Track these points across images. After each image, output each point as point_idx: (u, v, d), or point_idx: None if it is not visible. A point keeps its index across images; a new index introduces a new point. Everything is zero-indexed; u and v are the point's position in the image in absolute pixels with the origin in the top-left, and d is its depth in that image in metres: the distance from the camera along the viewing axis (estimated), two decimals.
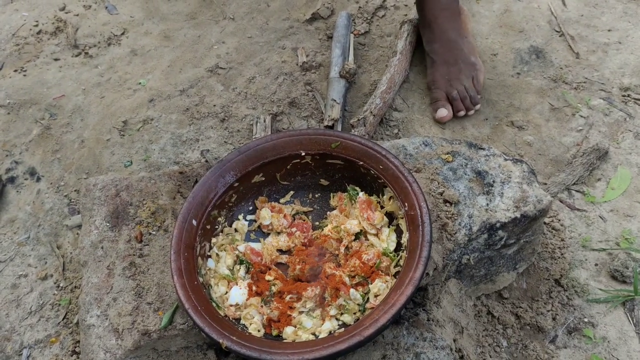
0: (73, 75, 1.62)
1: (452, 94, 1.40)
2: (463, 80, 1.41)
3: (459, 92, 1.40)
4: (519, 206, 0.98)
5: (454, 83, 1.41)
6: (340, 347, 0.76)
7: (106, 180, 1.10)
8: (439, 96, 1.42)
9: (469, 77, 1.42)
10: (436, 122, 1.42)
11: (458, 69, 1.42)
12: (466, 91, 1.40)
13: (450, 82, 1.41)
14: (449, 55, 1.43)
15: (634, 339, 1.09)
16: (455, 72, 1.42)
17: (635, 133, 1.38)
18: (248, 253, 0.98)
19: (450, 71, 1.42)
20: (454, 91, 1.40)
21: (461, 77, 1.42)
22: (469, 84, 1.41)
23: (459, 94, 1.40)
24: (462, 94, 1.40)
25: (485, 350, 1.05)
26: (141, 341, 0.90)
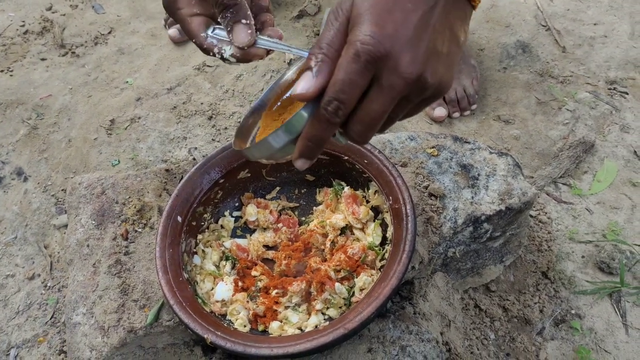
0: (60, 74, 1.62)
1: (449, 95, 1.41)
2: (463, 81, 1.42)
3: (457, 93, 1.41)
4: (504, 199, 0.98)
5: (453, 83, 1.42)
6: (325, 340, 0.76)
7: (92, 178, 1.09)
8: None
9: (468, 77, 1.42)
10: (432, 120, 1.43)
11: (459, 69, 1.42)
12: (464, 91, 1.41)
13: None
14: None
15: (621, 329, 1.09)
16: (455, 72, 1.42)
17: (621, 126, 1.39)
18: (234, 249, 0.98)
19: None
20: (452, 92, 1.41)
21: (461, 78, 1.42)
22: (468, 83, 1.42)
23: (457, 94, 1.41)
24: (460, 95, 1.41)
25: (472, 343, 1.06)
26: (127, 338, 0.90)
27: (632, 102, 1.43)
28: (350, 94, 0.53)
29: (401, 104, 0.55)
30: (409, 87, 0.53)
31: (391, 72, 0.53)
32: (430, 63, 0.54)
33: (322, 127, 0.55)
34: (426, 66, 0.53)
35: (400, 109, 0.56)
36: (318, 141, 0.56)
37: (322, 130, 0.55)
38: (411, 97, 0.55)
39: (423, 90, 0.54)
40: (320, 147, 0.57)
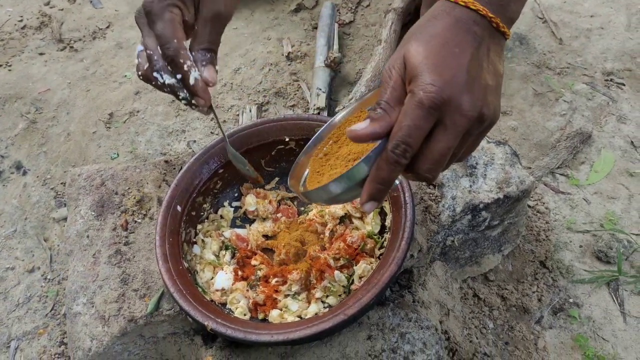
0: (58, 69, 1.62)
1: None
2: None
3: None
4: (502, 187, 0.99)
5: None
6: (325, 326, 0.76)
7: (91, 170, 1.10)
8: None
9: None
10: None
11: None
12: None
13: None
14: None
15: (619, 318, 1.10)
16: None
17: (618, 117, 1.39)
18: (234, 239, 0.98)
19: None
20: None
21: None
22: None
23: None
24: None
25: (471, 332, 1.06)
26: (127, 327, 0.90)
27: (628, 93, 1.44)
28: (416, 137, 0.57)
29: (464, 139, 0.59)
30: (471, 124, 0.58)
31: (454, 113, 0.57)
32: (487, 100, 0.59)
33: (390, 169, 0.59)
34: (483, 102, 0.58)
35: (462, 143, 0.60)
36: (386, 183, 0.59)
37: (390, 172, 0.59)
38: (472, 132, 0.59)
39: (482, 123, 0.59)
40: (388, 189, 0.60)
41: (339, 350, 0.85)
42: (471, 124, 0.58)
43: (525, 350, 1.07)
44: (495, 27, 0.60)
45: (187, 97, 0.73)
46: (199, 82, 0.72)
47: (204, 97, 0.74)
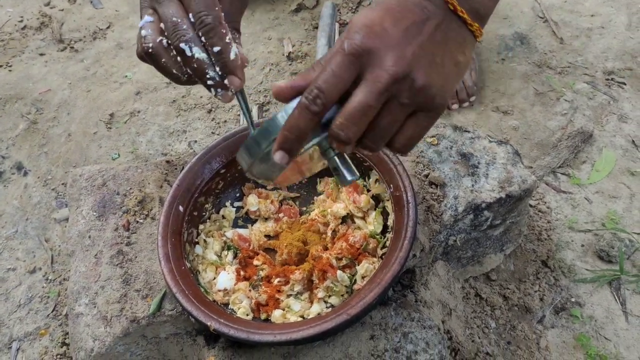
0: (59, 69, 1.62)
1: None
2: None
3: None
4: (504, 186, 0.99)
5: None
6: (327, 326, 0.76)
7: (92, 170, 1.09)
8: None
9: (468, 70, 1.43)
10: None
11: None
12: (463, 82, 1.41)
13: None
14: None
15: (621, 317, 1.10)
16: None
17: (619, 116, 1.40)
18: (236, 239, 0.98)
19: None
20: None
21: None
22: (467, 75, 1.42)
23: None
24: (459, 86, 1.41)
25: (474, 331, 1.06)
26: (130, 328, 0.90)
27: (629, 93, 1.44)
28: (331, 84, 0.54)
29: (391, 105, 0.55)
30: (395, 84, 0.53)
31: (375, 66, 0.53)
32: (421, 66, 0.54)
33: (299, 115, 0.55)
34: (414, 67, 0.54)
35: (390, 111, 0.55)
36: (295, 131, 0.55)
37: (299, 118, 0.55)
38: (400, 98, 0.54)
39: (412, 92, 0.54)
40: (299, 141, 0.56)
41: (341, 350, 0.85)
42: (395, 85, 0.53)
43: (527, 349, 1.07)
44: (452, 10, 0.57)
45: (215, 77, 0.64)
46: (238, 57, 0.64)
47: (241, 76, 0.65)
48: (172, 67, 0.65)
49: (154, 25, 0.64)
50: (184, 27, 0.62)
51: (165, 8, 0.63)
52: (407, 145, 0.58)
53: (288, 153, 0.57)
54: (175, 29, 0.62)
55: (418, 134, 0.58)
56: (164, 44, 0.64)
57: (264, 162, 0.62)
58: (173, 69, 0.65)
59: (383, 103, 0.54)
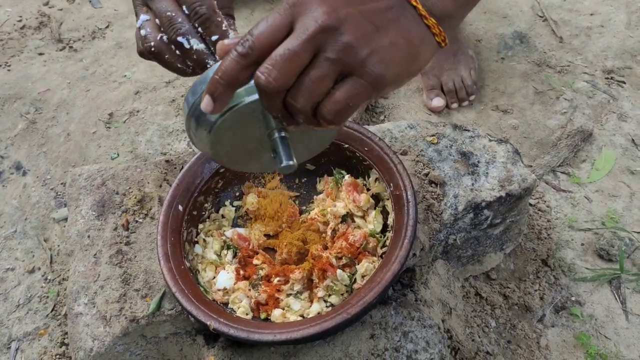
0: (58, 69, 1.61)
1: (447, 85, 1.41)
2: (461, 71, 1.42)
3: (455, 84, 1.41)
4: (504, 185, 0.98)
5: (450, 74, 1.41)
6: (327, 325, 0.76)
7: (92, 169, 1.09)
8: (435, 84, 1.42)
9: (466, 68, 1.43)
10: (430, 110, 1.43)
11: (457, 60, 1.42)
12: (462, 81, 1.41)
13: (448, 72, 1.41)
14: (449, 46, 1.43)
15: (621, 316, 1.10)
16: (453, 63, 1.42)
17: (618, 114, 1.39)
18: (235, 238, 0.98)
19: (449, 61, 1.42)
20: (450, 82, 1.41)
21: (459, 68, 1.42)
22: (467, 74, 1.42)
23: (455, 85, 1.41)
24: (458, 85, 1.41)
25: (474, 330, 1.06)
26: (129, 328, 0.90)
27: (629, 91, 1.44)
28: (262, 29, 0.53)
29: (317, 59, 0.53)
30: (322, 34, 0.52)
31: (306, 16, 0.52)
32: (354, 25, 0.53)
33: (230, 60, 0.53)
34: (345, 23, 0.52)
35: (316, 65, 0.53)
36: (224, 76, 0.54)
37: (229, 62, 0.53)
38: (327, 51, 0.52)
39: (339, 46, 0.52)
40: (226, 86, 0.54)
41: (341, 349, 0.85)
42: (320, 32, 0.51)
43: (527, 348, 1.07)
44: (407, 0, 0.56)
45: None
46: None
47: None
48: (176, 61, 0.65)
49: (151, 23, 0.65)
50: (179, 20, 0.63)
51: (158, 3, 0.64)
52: (335, 111, 0.54)
53: (214, 99, 0.55)
54: (170, 23, 0.63)
55: (346, 100, 0.54)
56: (164, 40, 0.64)
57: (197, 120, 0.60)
58: (177, 63, 0.65)
59: (311, 57, 0.53)
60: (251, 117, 0.59)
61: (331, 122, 0.54)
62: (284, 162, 0.59)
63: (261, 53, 0.53)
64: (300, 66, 0.52)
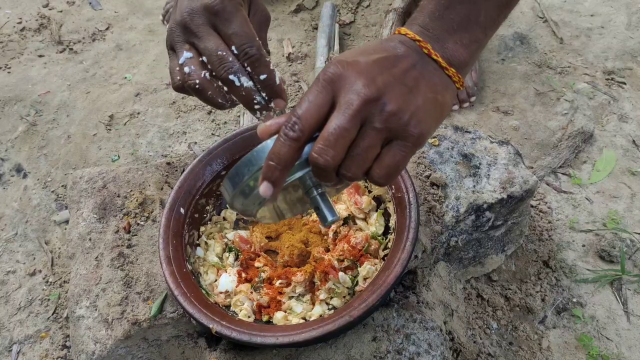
0: (58, 71, 1.61)
1: None
2: None
3: None
4: (506, 187, 0.98)
5: None
6: (330, 327, 0.76)
7: (93, 172, 1.09)
8: None
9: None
10: None
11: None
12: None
13: None
14: None
15: (622, 317, 1.10)
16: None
17: (619, 115, 1.39)
18: (237, 241, 0.98)
19: None
20: None
21: None
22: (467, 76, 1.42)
23: None
24: None
25: (475, 332, 1.06)
26: (131, 331, 0.90)
27: (629, 92, 1.44)
28: (306, 109, 0.56)
29: (365, 130, 0.56)
30: (366, 106, 0.55)
31: (348, 91, 0.55)
32: (392, 92, 0.56)
33: (280, 143, 0.56)
34: (385, 92, 0.56)
35: (364, 136, 0.56)
36: (278, 160, 0.57)
37: (281, 146, 0.56)
38: (373, 121, 0.55)
39: (384, 116, 0.55)
40: (283, 170, 0.57)
41: (344, 352, 0.85)
42: (365, 105, 0.55)
43: (529, 350, 1.07)
44: (427, 54, 0.59)
45: (262, 102, 0.69)
46: (282, 82, 0.69)
47: (285, 97, 0.70)
48: (218, 97, 0.69)
49: (195, 60, 0.68)
50: (230, 60, 0.67)
51: (207, 43, 0.67)
52: (385, 175, 0.58)
53: (272, 184, 0.58)
54: (221, 62, 0.67)
55: (395, 164, 0.58)
56: (207, 78, 0.68)
57: (244, 195, 0.63)
58: (218, 98, 0.69)
59: (358, 128, 0.56)
60: (294, 184, 0.63)
61: (381, 182, 0.58)
62: (330, 219, 0.63)
63: (310, 133, 0.56)
64: (350, 140, 0.56)
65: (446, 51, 0.60)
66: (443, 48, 0.60)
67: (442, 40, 0.60)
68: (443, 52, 0.60)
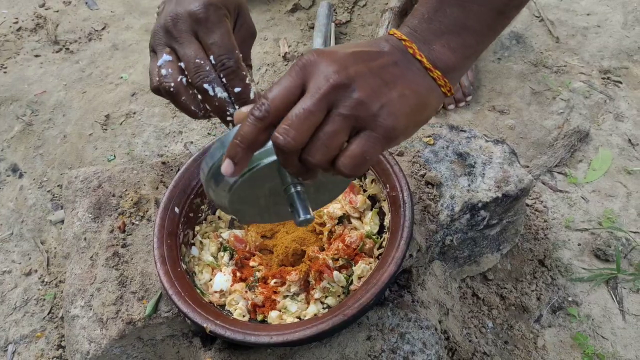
0: (54, 71, 1.61)
1: None
2: None
3: None
4: (501, 186, 0.99)
5: None
6: (324, 326, 0.76)
7: (88, 172, 1.09)
8: None
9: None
10: None
11: None
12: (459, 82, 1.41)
13: None
14: None
15: (618, 316, 1.10)
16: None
17: (615, 114, 1.40)
18: (232, 240, 0.98)
19: None
20: None
21: None
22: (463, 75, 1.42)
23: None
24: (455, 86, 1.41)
25: (471, 331, 1.06)
26: (126, 330, 0.90)
27: (625, 91, 1.44)
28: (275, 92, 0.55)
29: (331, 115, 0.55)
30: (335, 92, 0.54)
31: (318, 76, 0.55)
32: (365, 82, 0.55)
33: (247, 123, 0.56)
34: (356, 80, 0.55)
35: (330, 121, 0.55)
36: (243, 140, 0.56)
37: (247, 126, 0.56)
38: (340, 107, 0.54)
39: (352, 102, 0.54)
40: (245, 149, 0.56)
41: (338, 351, 0.85)
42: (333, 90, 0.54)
43: (524, 349, 1.07)
44: (412, 54, 0.59)
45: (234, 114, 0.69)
46: (256, 96, 0.69)
47: None
48: (191, 104, 0.69)
49: (173, 64, 0.69)
50: (207, 69, 0.68)
51: (186, 49, 0.68)
52: (350, 165, 0.56)
53: (234, 162, 0.57)
54: (197, 70, 0.67)
55: (361, 153, 0.55)
56: (183, 83, 0.69)
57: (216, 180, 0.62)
58: (192, 105, 0.70)
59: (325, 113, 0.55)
60: (268, 176, 0.62)
61: (349, 175, 0.56)
62: (301, 217, 0.61)
63: (277, 115, 0.55)
64: (315, 124, 0.55)
65: (432, 53, 0.59)
66: (429, 50, 0.59)
67: (429, 42, 0.60)
68: (429, 54, 0.59)
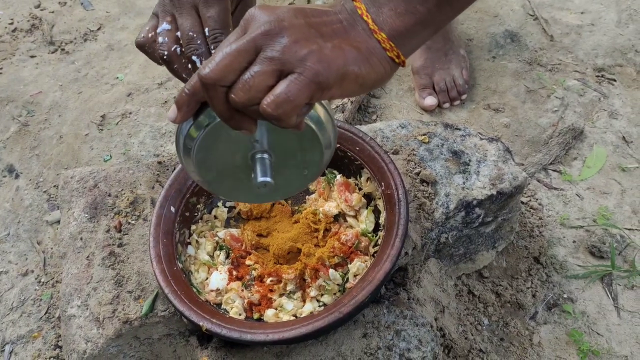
0: (50, 71, 1.61)
1: (439, 84, 1.41)
2: (452, 70, 1.42)
3: (447, 83, 1.41)
4: (495, 183, 0.99)
5: (442, 73, 1.42)
6: (320, 324, 0.76)
7: (84, 172, 1.09)
8: (427, 83, 1.43)
9: (458, 67, 1.43)
10: (422, 109, 1.44)
11: (449, 59, 1.43)
12: (454, 81, 1.42)
13: (439, 72, 1.42)
14: (441, 45, 1.43)
15: (613, 312, 1.11)
16: (445, 62, 1.43)
17: (609, 112, 1.40)
18: (228, 239, 0.98)
19: (440, 60, 1.43)
20: (441, 81, 1.41)
21: (451, 68, 1.43)
22: (458, 73, 1.42)
23: (447, 84, 1.41)
24: (450, 85, 1.42)
25: (466, 328, 1.07)
26: (122, 329, 0.90)
27: (619, 89, 1.45)
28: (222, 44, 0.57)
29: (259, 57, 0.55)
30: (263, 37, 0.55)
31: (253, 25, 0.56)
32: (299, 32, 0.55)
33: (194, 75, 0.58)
34: (289, 29, 0.55)
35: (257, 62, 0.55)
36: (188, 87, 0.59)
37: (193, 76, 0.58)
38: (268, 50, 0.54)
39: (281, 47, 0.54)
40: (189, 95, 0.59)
41: (334, 348, 0.85)
42: (262, 35, 0.54)
43: (520, 345, 1.07)
44: (360, 14, 0.59)
45: None
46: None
47: None
48: (182, 72, 0.73)
49: (171, 33, 0.73)
50: (198, 42, 0.71)
51: (184, 19, 0.72)
52: (273, 104, 0.54)
53: (179, 109, 0.60)
54: (189, 42, 0.71)
55: (285, 93, 0.54)
56: (177, 52, 0.72)
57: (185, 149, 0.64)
58: (183, 73, 0.73)
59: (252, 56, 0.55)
60: (231, 139, 0.63)
61: (272, 115, 0.55)
62: (259, 178, 0.62)
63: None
64: (240, 63, 0.55)
65: (380, 15, 0.59)
66: (378, 12, 0.59)
67: (379, 5, 0.59)
68: (377, 16, 0.59)
